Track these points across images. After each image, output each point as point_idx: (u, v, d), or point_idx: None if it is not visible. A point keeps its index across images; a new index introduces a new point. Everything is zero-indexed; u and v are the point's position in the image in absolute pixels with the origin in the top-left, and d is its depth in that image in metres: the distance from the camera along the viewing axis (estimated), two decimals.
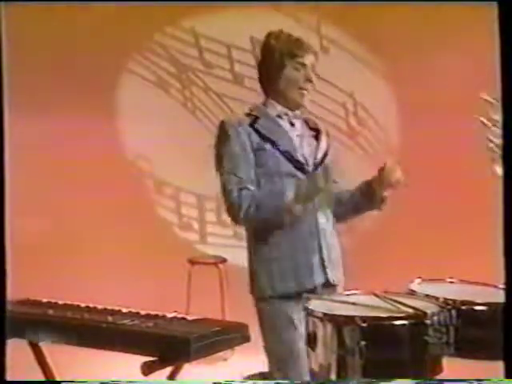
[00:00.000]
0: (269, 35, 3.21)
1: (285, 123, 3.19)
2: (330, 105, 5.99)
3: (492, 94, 2.37)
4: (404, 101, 6.00)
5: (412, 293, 2.84)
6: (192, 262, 5.65)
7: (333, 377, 2.57)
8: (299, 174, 3.11)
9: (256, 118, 3.15)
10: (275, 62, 3.14)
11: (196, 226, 6.38)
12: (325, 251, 3.12)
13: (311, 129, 3.27)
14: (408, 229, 5.78)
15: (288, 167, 3.11)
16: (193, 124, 6.27)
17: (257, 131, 3.11)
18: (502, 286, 2.58)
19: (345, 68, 6.06)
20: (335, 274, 3.16)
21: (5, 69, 2.47)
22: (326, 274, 3.12)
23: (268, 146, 3.11)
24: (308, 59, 3.15)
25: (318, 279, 3.10)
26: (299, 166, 3.12)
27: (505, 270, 2.20)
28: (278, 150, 3.11)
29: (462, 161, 5.68)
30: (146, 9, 5.76)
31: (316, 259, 3.10)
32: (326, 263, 3.12)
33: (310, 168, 3.14)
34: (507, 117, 2.18)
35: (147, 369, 3.08)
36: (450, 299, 2.68)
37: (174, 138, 6.16)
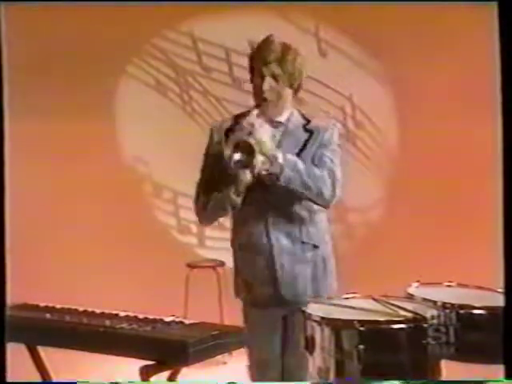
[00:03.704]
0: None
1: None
2: (328, 108, 5.98)
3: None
4: (402, 104, 6.00)
5: (410, 296, 2.84)
6: (190, 266, 5.65)
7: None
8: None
9: (235, 124, 3.12)
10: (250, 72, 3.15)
11: (194, 229, 6.37)
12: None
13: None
14: (406, 232, 5.77)
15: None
16: (191, 128, 6.26)
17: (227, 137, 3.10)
18: (500, 289, 2.58)
19: (343, 71, 6.06)
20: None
21: (5, 69, 2.46)
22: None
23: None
24: (266, 71, 3.07)
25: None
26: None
27: (504, 273, 2.20)
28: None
29: (460, 163, 5.68)
30: (145, 12, 5.76)
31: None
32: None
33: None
34: (507, 117, 2.18)
35: (146, 373, 3.08)
36: (448, 303, 2.68)
37: (173, 141, 6.15)
